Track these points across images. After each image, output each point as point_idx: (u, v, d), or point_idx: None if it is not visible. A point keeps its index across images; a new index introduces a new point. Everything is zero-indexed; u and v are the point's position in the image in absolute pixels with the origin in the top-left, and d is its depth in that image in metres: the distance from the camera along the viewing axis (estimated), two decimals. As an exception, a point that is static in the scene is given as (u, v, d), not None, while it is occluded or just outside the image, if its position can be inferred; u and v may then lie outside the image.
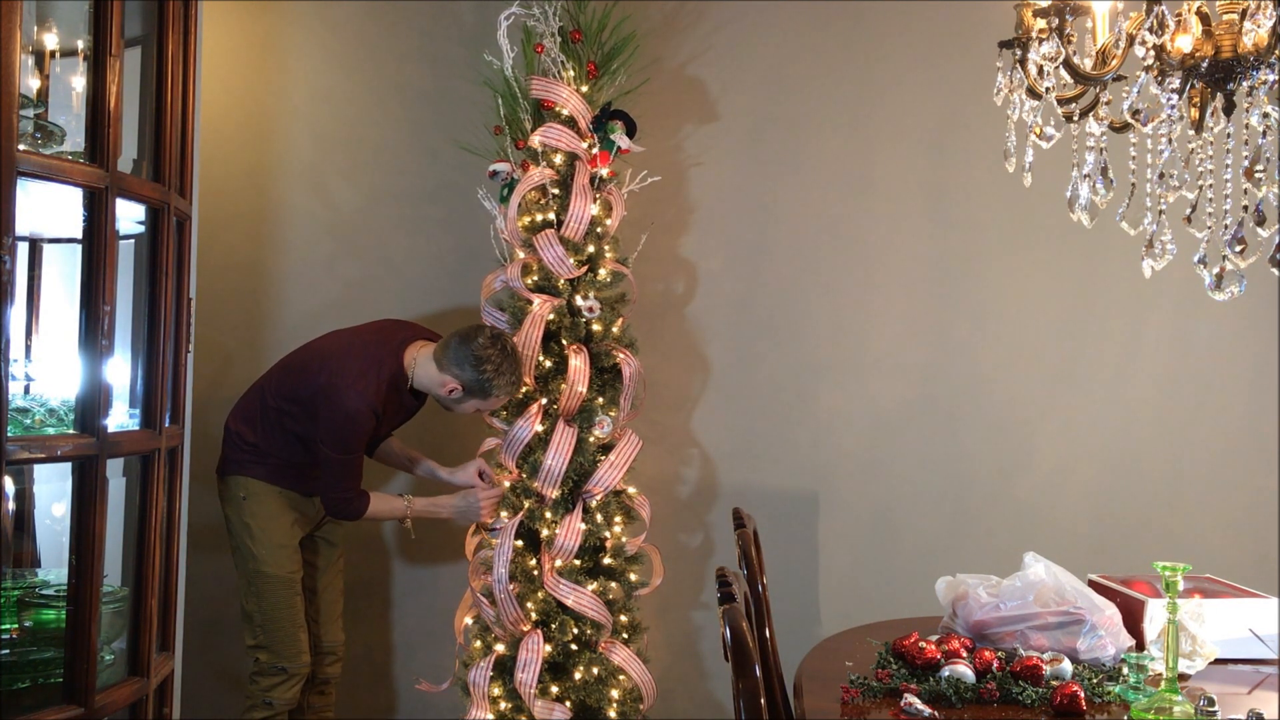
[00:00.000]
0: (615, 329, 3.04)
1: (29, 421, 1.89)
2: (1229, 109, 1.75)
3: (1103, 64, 1.86)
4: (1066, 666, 1.95)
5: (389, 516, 3.00)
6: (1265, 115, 1.71)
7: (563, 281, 2.98)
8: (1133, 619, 2.16)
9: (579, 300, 2.97)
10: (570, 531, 2.88)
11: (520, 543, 2.93)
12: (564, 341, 2.96)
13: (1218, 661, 2.08)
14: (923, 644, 2.00)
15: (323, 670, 3.07)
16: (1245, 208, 1.73)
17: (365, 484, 2.91)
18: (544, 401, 2.95)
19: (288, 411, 2.86)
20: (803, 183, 3.48)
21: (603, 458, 2.95)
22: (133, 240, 2.19)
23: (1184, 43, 1.72)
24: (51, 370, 2.21)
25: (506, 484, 2.99)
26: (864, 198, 3.47)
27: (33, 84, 2.16)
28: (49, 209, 2.04)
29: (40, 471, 2.22)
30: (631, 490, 3.07)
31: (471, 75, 3.31)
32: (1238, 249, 1.72)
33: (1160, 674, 1.91)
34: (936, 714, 1.78)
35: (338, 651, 3.10)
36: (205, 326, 3.22)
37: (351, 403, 2.75)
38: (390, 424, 2.96)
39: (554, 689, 2.89)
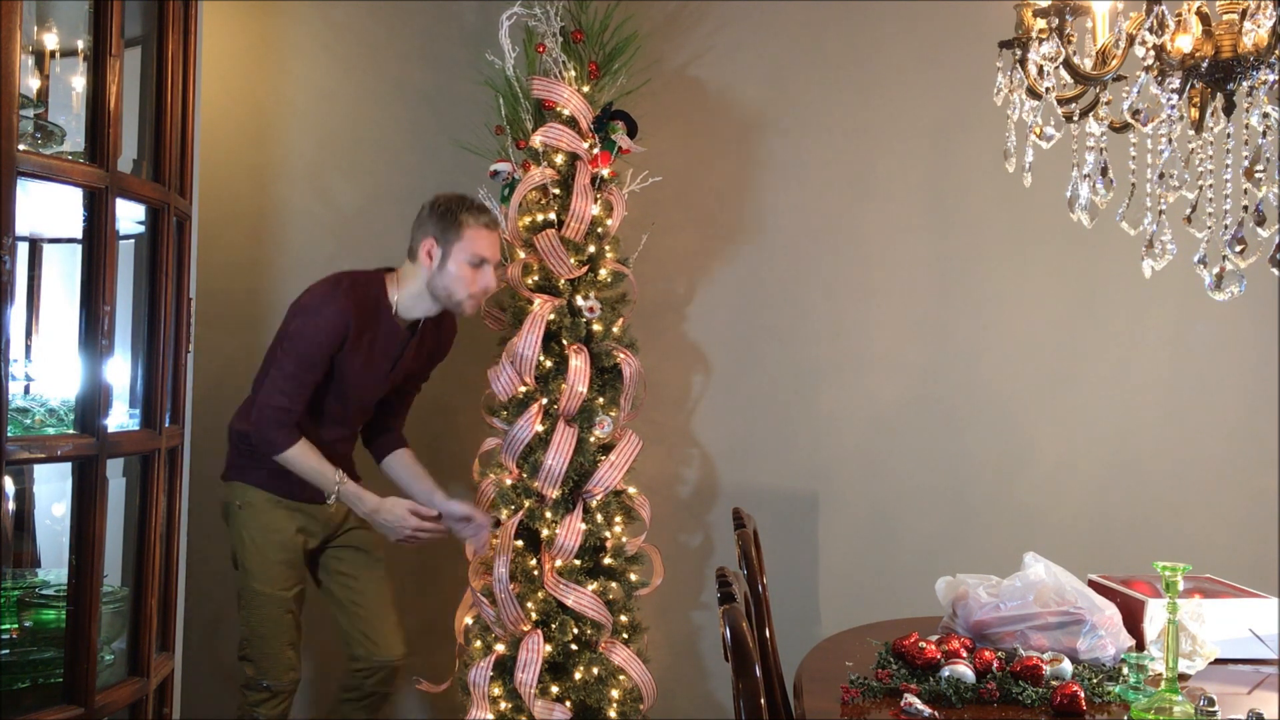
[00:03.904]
0: (615, 329, 3.04)
1: (29, 421, 1.90)
2: (1229, 109, 1.75)
3: (1103, 64, 1.86)
4: (1066, 666, 1.95)
5: (311, 479, 2.71)
6: (1265, 115, 1.71)
7: (563, 281, 2.98)
8: (1133, 619, 2.16)
9: (579, 300, 2.97)
10: (570, 531, 2.88)
11: (520, 543, 2.93)
12: (564, 341, 2.96)
13: (1218, 661, 2.08)
14: (923, 644, 2.00)
15: (373, 685, 2.90)
16: (1245, 208, 1.73)
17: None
18: (544, 401, 2.95)
19: None
20: (803, 183, 3.48)
21: (603, 458, 2.95)
22: (133, 240, 2.19)
23: (1184, 43, 1.72)
24: (51, 370, 2.21)
25: (479, 546, 2.92)
26: (864, 198, 3.47)
27: (33, 84, 2.16)
28: (49, 209, 2.04)
29: (40, 471, 2.22)
30: (631, 490, 3.07)
31: (473, 75, 3.31)
32: (1238, 249, 1.72)
33: (1160, 674, 1.91)
34: (936, 714, 1.78)
35: (393, 665, 2.90)
36: (205, 326, 3.21)
37: (316, 304, 2.65)
38: (377, 359, 2.76)
39: (554, 689, 2.89)
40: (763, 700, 1.40)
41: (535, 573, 2.92)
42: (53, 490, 2.24)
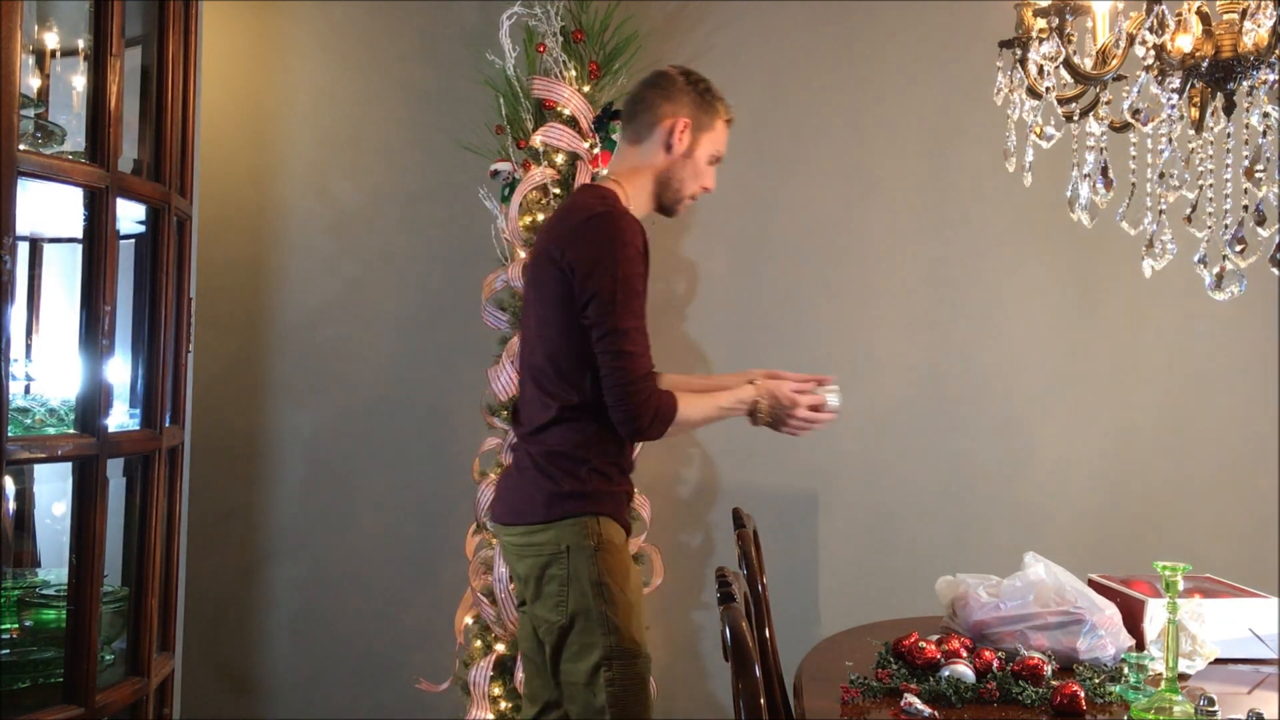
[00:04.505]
0: (615, 329, 3.03)
1: (29, 421, 1.90)
2: (1229, 109, 1.76)
3: (1103, 64, 1.86)
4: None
5: (725, 414, 2.19)
6: (1265, 115, 1.71)
7: (563, 281, 2.98)
8: (1133, 619, 2.15)
9: (579, 300, 2.97)
10: (570, 531, 2.87)
11: (520, 542, 2.92)
12: (564, 341, 2.96)
13: (1218, 661, 2.07)
14: (923, 644, 2.00)
15: None
16: (1245, 208, 1.73)
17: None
18: (544, 401, 2.94)
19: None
20: (803, 183, 3.48)
21: (603, 458, 2.95)
22: (133, 240, 2.19)
23: (1184, 42, 1.72)
24: (52, 370, 2.22)
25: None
26: (864, 198, 3.46)
27: (33, 83, 2.16)
28: (49, 209, 2.05)
29: (40, 471, 2.23)
30: (632, 490, 3.07)
31: (473, 75, 3.31)
32: (1238, 249, 1.72)
33: (1160, 674, 1.91)
34: (936, 714, 1.77)
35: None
36: (205, 326, 3.22)
37: (623, 228, 1.98)
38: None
39: (554, 689, 2.89)
40: (763, 700, 1.40)
41: (535, 573, 2.91)
42: (53, 490, 2.24)
